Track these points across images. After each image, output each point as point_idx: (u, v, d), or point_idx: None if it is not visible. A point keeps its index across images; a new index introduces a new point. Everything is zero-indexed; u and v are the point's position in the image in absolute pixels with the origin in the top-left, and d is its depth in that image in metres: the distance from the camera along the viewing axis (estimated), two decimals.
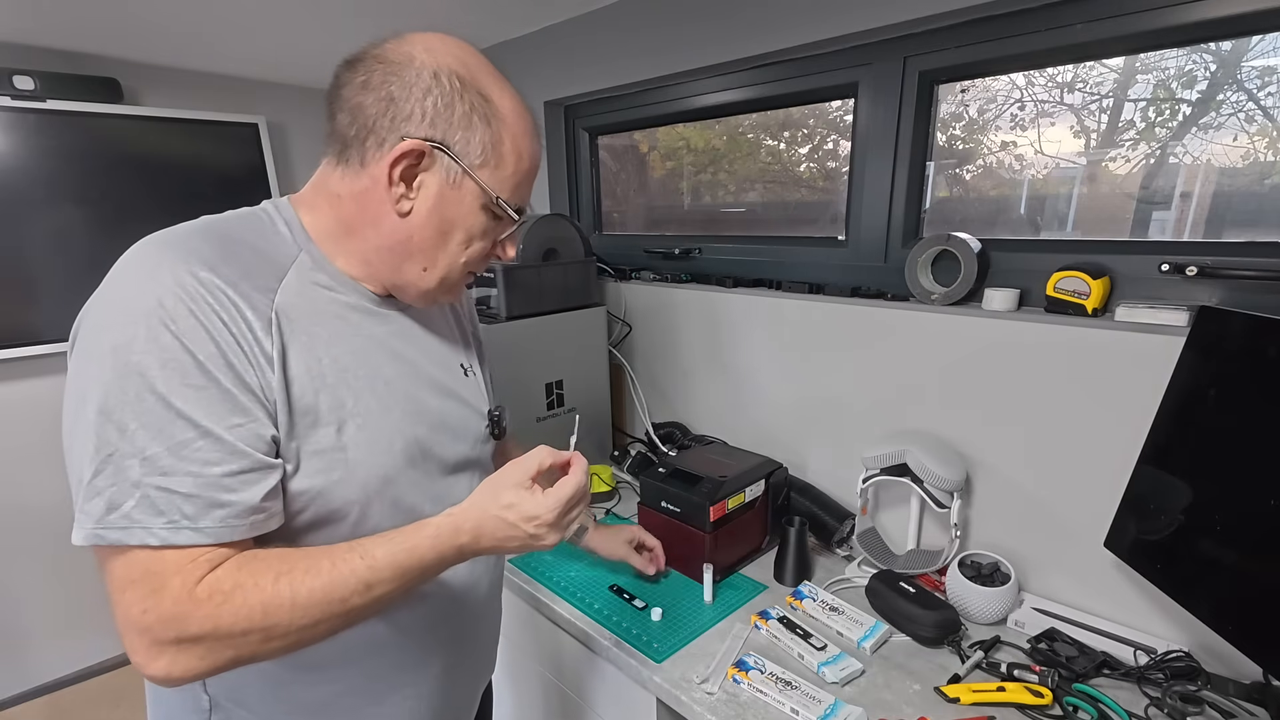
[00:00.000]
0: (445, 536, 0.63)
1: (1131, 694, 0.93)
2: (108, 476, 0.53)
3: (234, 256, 0.60)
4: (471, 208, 0.66)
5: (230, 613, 0.54)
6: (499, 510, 0.65)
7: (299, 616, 0.56)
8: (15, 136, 1.88)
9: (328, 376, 0.63)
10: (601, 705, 1.18)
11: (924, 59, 1.25)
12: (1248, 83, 1.01)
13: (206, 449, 0.54)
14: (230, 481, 0.55)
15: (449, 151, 0.63)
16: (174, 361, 0.53)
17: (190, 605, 0.53)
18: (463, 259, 0.69)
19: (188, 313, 0.54)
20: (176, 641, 0.53)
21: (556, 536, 0.67)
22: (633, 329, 1.80)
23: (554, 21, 1.80)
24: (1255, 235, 1.03)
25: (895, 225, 1.36)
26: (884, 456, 1.21)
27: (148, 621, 0.53)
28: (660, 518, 1.27)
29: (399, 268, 0.68)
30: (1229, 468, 0.85)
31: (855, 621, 1.08)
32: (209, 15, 1.68)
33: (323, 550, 0.60)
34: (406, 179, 0.63)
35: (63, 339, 2.26)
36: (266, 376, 0.58)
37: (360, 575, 0.58)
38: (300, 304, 0.63)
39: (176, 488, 0.53)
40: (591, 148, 2.01)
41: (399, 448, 0.69)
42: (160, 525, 0.53)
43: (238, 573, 0.55)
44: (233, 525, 0.55)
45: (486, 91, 0.65)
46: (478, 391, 0.85)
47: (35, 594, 2.17)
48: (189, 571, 0.54)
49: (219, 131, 2.22)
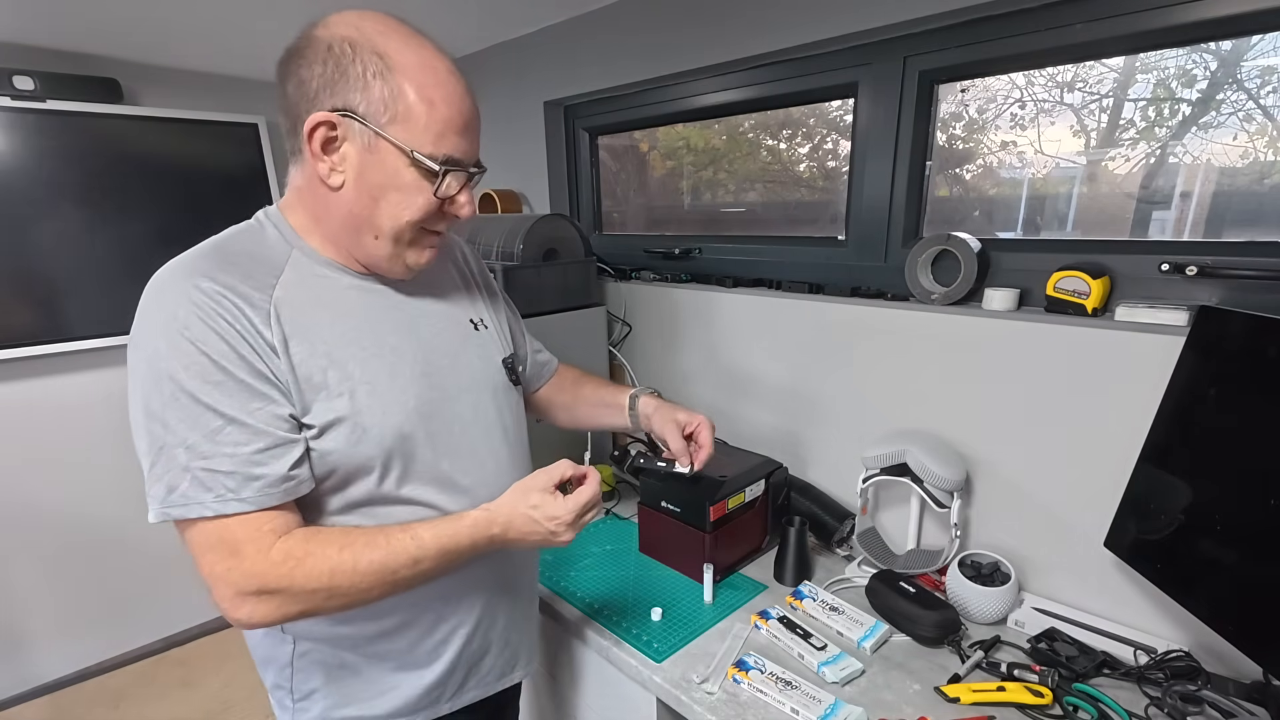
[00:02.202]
0: (481, 527, 0.75)
1: (1132, 694, 0.93)
2: (163, 465, 0.64)
3: (232, 265, 0.68)
4: (395, 168, 0.68)
5: (303, 573, 0.66)
6: (527, 509, 0.76)
7: (358, 581, 0.68)
8: (15, 136, 1.88)
9: (334, 353, 0.71)
10: (602, 705, 1.18)
11: (924, 59, 1.25)
12: (1248, 82, 1.01)
13: (235, 433, 0.64)
14: (260, 457, 0.65)
15: (354, 116, 0.66)
16: (195, 364, 0.63)
17: (267, 565, 0.65)
18: (405, 219, 0.71)
19: (198, 320, 0.63)
20: (258, 593, 0.65)
21: (571, 535, 0.78)
22: (633, 329, 1.80)
23: (554, 21, 1.81)
24: (1255, 235, 1.03)
25: (895, 225, 1.36)
26: (884, 456, 1.21)
27: (233, 577, 0.65)
28: (660, 517, 1.27)
29: (357, 242, 0.74)
30: (1229, 467, 0.85)
31: (855, 621, 1.08)
32: (209, 15, 1.68)
33: (379, 529, 0.72)
34: (328, 153, 0.68)
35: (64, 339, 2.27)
36: (274, 362, 0.67)
37: (410, 552, 0.70)
38: (300, 295, 0.71)
39: (218, 467, 0.64)
40: (591, 148, 2.01)
41: (412, 406, 0.76)
42: (211, 499, 0.64)
43: (307, 543, 0.67)
44: (269, 493, 0.66)
45: (381, 49, 0.66)
46: (493, 343, 0.91)
47: (35, 594, 2.17)
48: (258, 539, 0.65)
49: (219, 131, 2.23)
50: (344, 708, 0.82)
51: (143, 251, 2.12)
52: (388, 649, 0.82)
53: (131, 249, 2.11)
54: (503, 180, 2.15)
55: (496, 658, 0.92)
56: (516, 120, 2.04)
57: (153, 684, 2.24)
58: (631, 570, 1.28)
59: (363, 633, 0.80)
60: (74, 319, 2.06)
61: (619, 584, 1.23)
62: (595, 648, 1.11)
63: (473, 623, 0.87)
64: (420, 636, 0.83)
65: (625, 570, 1.27)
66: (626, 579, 1.24)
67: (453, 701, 0.88)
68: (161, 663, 2.35)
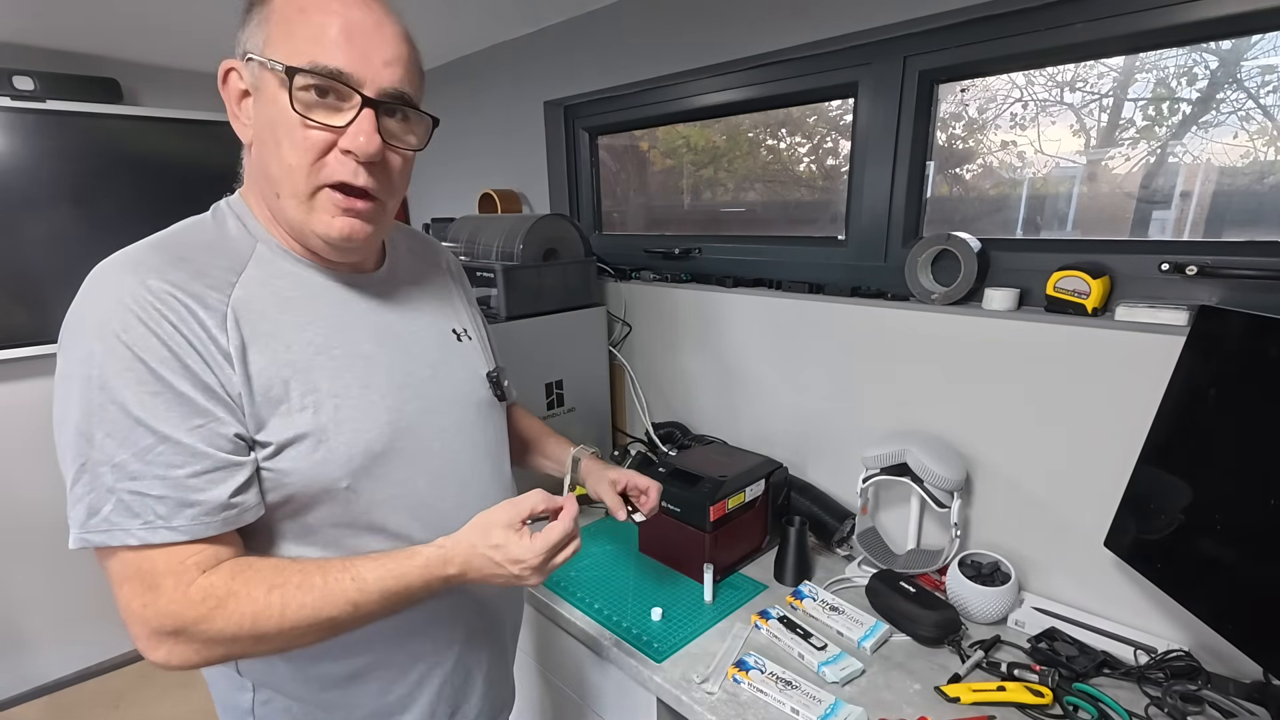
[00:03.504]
0: (434, 567, 0.65)
1: (1132, 693, 0.93)
2: (85, 485, 0.56)
3: (184, 261, 0.61)
4: (271, 96, 0.60)
5: (222, 617, 0.57)
6: (487, 549, 0.66)
7: (287, 628, 0.59)
8: (15, 136, 1.88)
9: (298, 362, 0.64)
10: (602, 705, 1.18)
11: (924, 58, 1.25)
12: (1248, 81, 1.01)
13: (168, 453, 0.56)
14: (196, 482, 0.57)
15: (248, 54, 0.61)
16: (129, 371, 0.55)
17: (185, 605, 0.57)
18: (289, 161, 0.60)
19: (137, 321, 0.56)
20: (174, 634, 0.57)
21: (539, 578, 0.69)
22: (633, 329, 1.80)
23: (554, 21, 1.81)
24: (1255, 234, 1.02)
25: (895, 225, 1.36)
26: (884, 456, 1.21)
27: (147, 615, 0.57)
28: (660, 518, 1.27)
29: (272, 206, 0.65)
30: (1229, 467, 0.85)
31: (855, 621, 1.08)
32: (209, 15, 1.68)
33: (316, 565, 0.62)
34: (243, 108, 0.64)
35: None
36: (225, 373, 0.59)
37: (349, 596, 0.61)
38: (263, 295, 0.64)
39: (147, 490, 0.56)
40: (591, 148, 2.01)
41: (385, 420, 0.69)
42: (137, 526, 0.56)
43: (232, 581, 0.58)
44: (205, 522, 0.58)
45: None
46: (476, 356, 0.84)
47: (35, 594, 2.17)
48: (180, 574, 0.57)
49: (219, 131, 2.21)
50: None
51: None
52: (360, 694, 0.73)
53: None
54: (503, 180, 2.15)
55: (482, 700, 0.85)
56: (516, 120, 2.04)
57: (153, 684, 2.24)
58: (631, 570, 1.28)
59: (330, 674, 0.72)
60: None
61: (619, 584, 1.23)
62: (595, 648, 1.11)
63: (452, 661, 0.79)
64: (395, 678, 0.75)
65: (625, 570, 1.27)
66: (626, 579, 1.24)
67: None
68: None
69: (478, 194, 2.13)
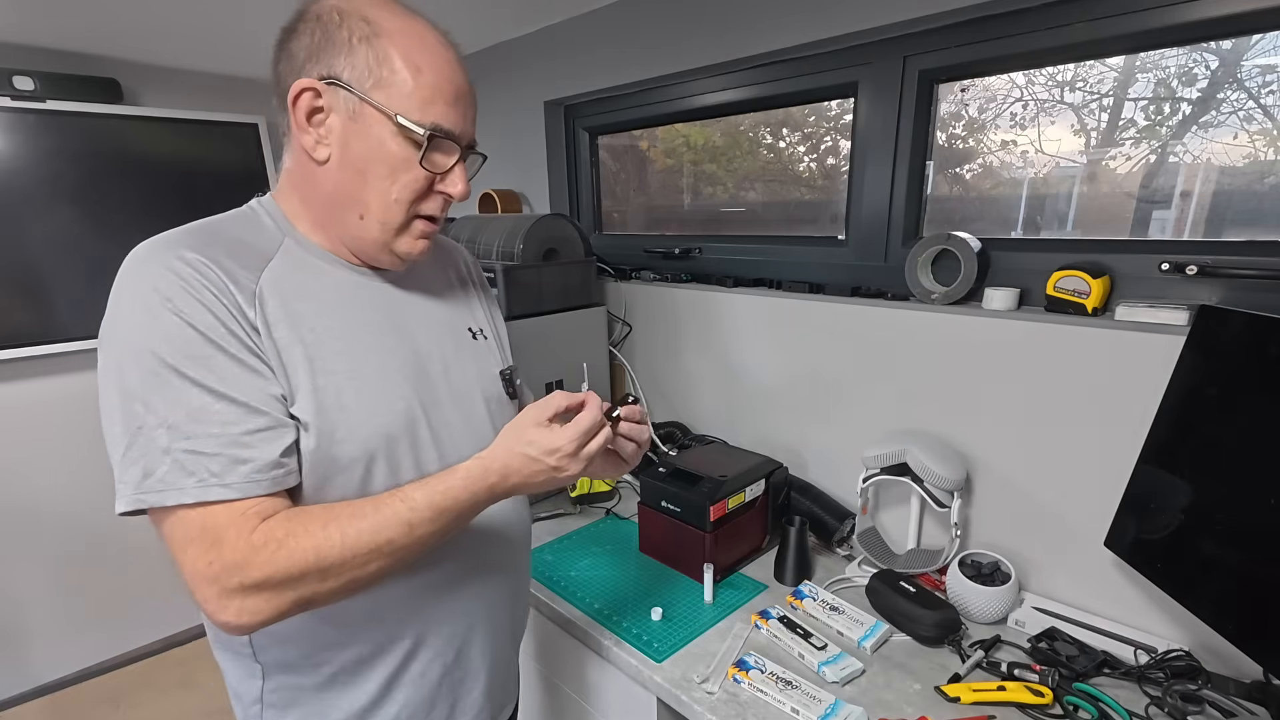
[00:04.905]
0: (476, 477, 0.67)
1: (1132, 693, 0.93)
2: (139, 448, 0.58)
3: (219, 243, 0.65)
4: (380, 137, 0.65)
5: (286, 556, 0.58)
6: (522, 447, 0.68)
7: (349, 556, 0.61)
8: (15, 137, 1.88)
9: (320, 345, 0.67)
10: (602, 705, 1.18)
11: (924, 58, 1.25)
12: (1248, 81, 1.01)
13: (224, 410, 0.59)
14: (249, 439, 0.60)
15: (339, 83, 0.64)
16: (178, 337, 0.58)
17: (249, 551, 0.58)
18: (393, 196, 0.68)
19: (181, 290, 0.59)
20: (242, 588, 0.58)
21: (578, 467, 0.69)
22: (633, 329, 1.80)
23: (554, 21, 1.81)
24: (1255, 234, 1.02)
25: (895, 224, 1.36)
26: (884, 456, 1.21)
27: (214, 571, 0.58)
28: (660, 518, 1.27)
29: (341, 221, 0.70)
30: (1229, 467, 0.85)
31: (855, 621, 1.08)
32: (209, 15, 1.68)
33: (365, 499, 0.65)
34: (313, 124, 0.66)
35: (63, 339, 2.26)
36: (259, 342, 0.63)
37: (402, 516, 0.63)
38: (288, 283, 0.67)
39: (202, 449, 0.58)
40: (591, 148, 2.01)
41: (400, 409, 0.72)
42: (192, 485, 0.58)
43: (288, 522, 0.60)
44: (256, 480, 0.60)
45: (369, 15, 0.64)
46: (490, 354, 0.88)
47: (35, 594, 2.17)
48: (241, 524, 0.59)
49: (219, 131, 2.23)
50: None
51: None
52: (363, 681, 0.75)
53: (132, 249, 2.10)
54: (503, 180, 2.15)
55: (484, 697, 0.85)
56: (516, 120, 2.04)
57: (153, 684, 2.24)
58: (631, 570, 1.28)
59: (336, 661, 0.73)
60: (74, 319, 2.06)
61: (619, 584, 1.23)
62: (595, 648, 1.11)
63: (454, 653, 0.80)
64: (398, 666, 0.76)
65: (625, 570, 1.27)
66: (626, 579, 1.24)
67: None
68: (161, 663, 2.35)
69: (478, 194, 2.13)
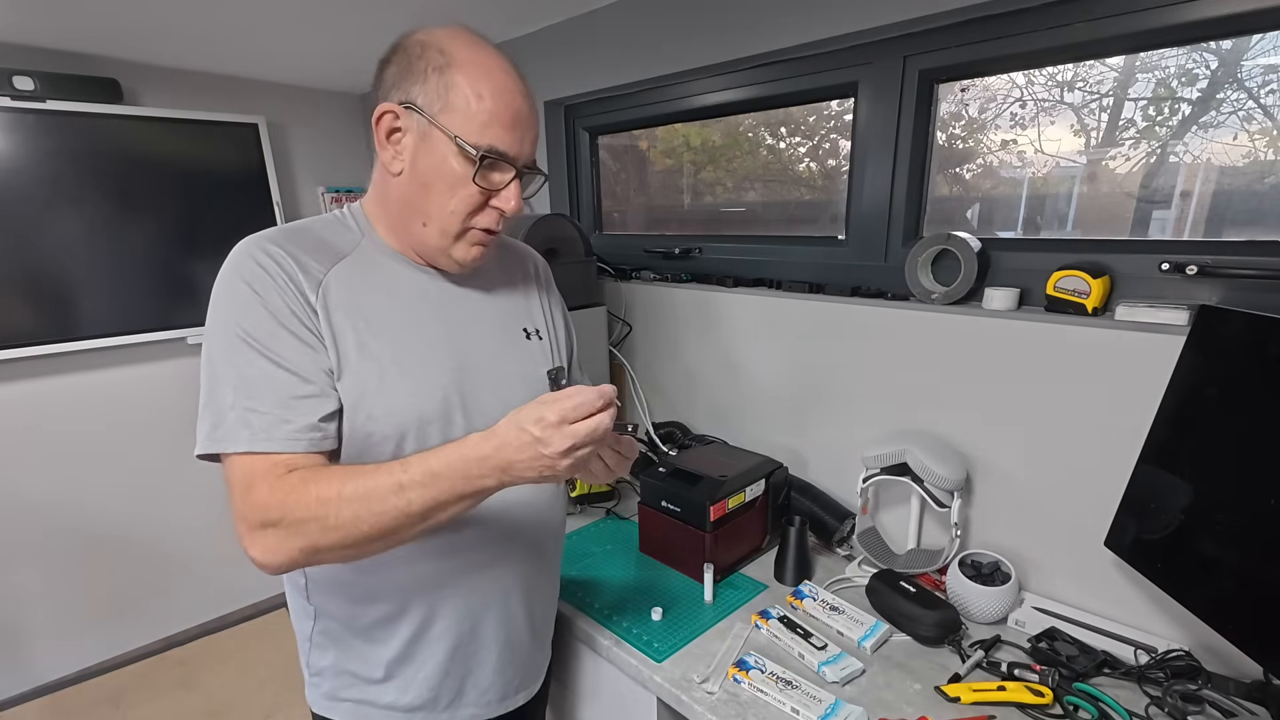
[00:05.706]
0: (469, 445, 0.68)
1: (1132, 693, 0.93)
2: (215, 403, 0.70)
3: (300, 241, 0.76)
4: (443, 155, 0.73)
5: (295, 501, 0.66)
6: (516, 420, 0.67)
7: (344, 508, 0.66)
8: (15, 137, 1.88)
9: (371, 332, 0.76)
10: (602, 705, 1.18)
11: (924, 58, 1.25)
12: (1248, 81, 1.01)
13: (281, 377, 0.70)
14: (296, 404, 0.70)
15: (414, 107, 0.73)
16: (255, 314, 0.70)
17: (270, 495, 0.67)
18: (451, 208, 0.76)
19: (261, 275, 0.71)
20: (261, 525, 0.67)
21: (563, 442, 0.64)
22: (633, 329, 1.80)
23: (554, 21, 1.81)
24: (1255, 234, 1.02)
25: (895, 224, 1.36)
26: (884, 456, 1.21)
27: (245, 510, 0.68)
28: (661, 517, 1.27)
29: (408, 227, 0.80)
30: (1229, 467, 0.85)
31: (856, 621, 1.08)
32: (209, 15, 1.68)
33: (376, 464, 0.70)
34: (391, 142, 0.75)
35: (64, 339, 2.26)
36: (317, 323, 0.73)
37: (396, 477, 0.67)
38: (353, 275, 0.77)
39: (259, 407, 0.69)
40: (591, 148, 2.01)
41: (439, 396, 0.80)
42: (245, 437, 0.68)
43: (306, 474, 0.68)
44: (296, 439, 0.70)
45: (445, 47, 0.73)
46: (541, 354, 0.94)
47: (35, 594, 2.17)
48: (272, 473, 0.68)
49: (219, 131, 2.23)
50: (349, 689, 0.87)
51: (143, 251, 2.12)
52: (386, 637, 0.84)
53: (132, 249, 2.10)
54: None
55: (495, 675, 0.91)
56: None
57: (153, 684, 2.24)
58: (631, 570, 1.28)
59: (367, 614, 0.83)
60: (75, 319, 2.06)
61: (619, 584, 1.23)
62: (595, 648, 1.11)
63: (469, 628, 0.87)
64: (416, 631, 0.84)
65: (625, 570, 1.27)
66: (626, 579, 1.24)
67: (450, 712, 0.88)
68: (161, 663, 2.35)
69: None
